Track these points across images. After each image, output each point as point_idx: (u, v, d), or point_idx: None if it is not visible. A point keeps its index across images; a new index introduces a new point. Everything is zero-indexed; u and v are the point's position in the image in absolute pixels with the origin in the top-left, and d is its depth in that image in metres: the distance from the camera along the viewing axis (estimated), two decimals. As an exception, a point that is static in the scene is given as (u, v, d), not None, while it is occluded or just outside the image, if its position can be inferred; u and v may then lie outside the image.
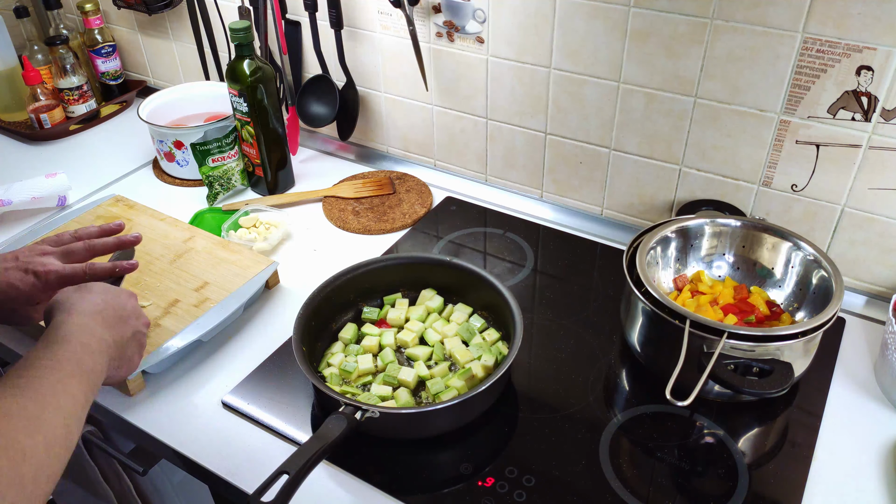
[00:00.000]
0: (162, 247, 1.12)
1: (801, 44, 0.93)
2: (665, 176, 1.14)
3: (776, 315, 0.95)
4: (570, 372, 0.96)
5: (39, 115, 1.51)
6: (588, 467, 0.83)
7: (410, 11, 1.19)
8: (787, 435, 0.88)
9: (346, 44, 1.33)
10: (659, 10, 1.01)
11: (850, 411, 0.90)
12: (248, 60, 1.20)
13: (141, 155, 1.48)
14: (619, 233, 1.22)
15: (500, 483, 0.81)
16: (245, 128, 1.26)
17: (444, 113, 1.31)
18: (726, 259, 1.03)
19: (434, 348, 0.96)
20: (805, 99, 0.97)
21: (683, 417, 0.89)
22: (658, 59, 1.04)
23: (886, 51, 0.89)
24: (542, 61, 1.15)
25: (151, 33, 1.63)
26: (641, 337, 0.94)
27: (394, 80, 1.33)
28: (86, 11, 1.55)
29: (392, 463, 0.84)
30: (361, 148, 1.46)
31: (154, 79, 1.73)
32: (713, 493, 0.80)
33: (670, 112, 1.08)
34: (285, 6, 1.33)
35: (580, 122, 1.17)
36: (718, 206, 1.10)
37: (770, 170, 1.04)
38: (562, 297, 1.09)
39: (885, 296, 1.05)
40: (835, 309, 0.85)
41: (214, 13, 1.44)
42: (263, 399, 0.92)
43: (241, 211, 1.24)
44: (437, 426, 0.86)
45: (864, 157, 0.97)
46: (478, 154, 1.32)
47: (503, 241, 1.22)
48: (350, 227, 1.25)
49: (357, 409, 0.79)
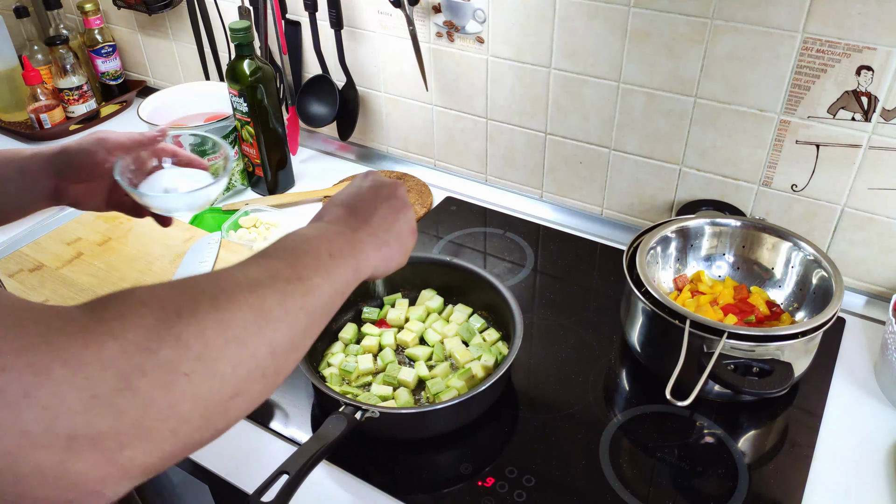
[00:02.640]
0: (162, 247, 1.12)
1: (801, 44, 0.93)
2: (665, 176, 1.14)
3: (776, 315, 0.95)
4: (570, 372, 0.96)
5: (39, 115, 1.51)
6: (588, 467, 0.83)
7: (410, 11, 1.19)
8: (787, 435, 0.88)
9: (346, 44, 1.33)
10: (659, 10, 1.01)
11: (850, 411, 0.90)
12: (248, 60, 1.20)
13: (141, 155, 1.48)
14: (619, 233, 1.22)
15: (500, 483, 0.81)
16: (245, 128, 1.26)
17: (444, 113, 1.31)
18: (726, 259, 1.03)
19: (434, 348, 0.96)
20: (805, 99, 0.96)
21: (683, 417, 0.89)
22: (658, 59, 1.04)
23: (886, 51, 0.89)
24: (542, 61, 1.15)
25: (151, 33, 1.63)
26: (641, 337, 0.94)
27: (394, 80, 1.33)
28: (86, 11, 1.55)
29: (392, 463, 0.84)
30: (361, 148, 1.46)
31: (154, 79, 1.73)
32: (713, 493, 0.80)
33: (670, 112, 1.08)
34: (285, 6, 1.33)
35: (580, 122, 1.17)
36: (718, 206, 1.10)
37: (770, 170, 1.04)
38: (562, 297, 1.09)
39: (885, 296, 1.05)
40: (835, 309, 0.85)
41: (214, 13, 1.44)
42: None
43: (241, 211, 1.24)
44: (437, 426, 0.86)
45: (864, 157, 0.97)
46: (478, 154, 1.32)
47: (503, 241, 1.22)
48: (350, 227, 1.25)
49: (357, 409, 0.79)
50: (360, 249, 0.61)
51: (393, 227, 0.66)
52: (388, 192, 0.69)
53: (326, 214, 0.65)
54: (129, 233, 1.16)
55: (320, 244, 0.58)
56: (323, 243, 0.58)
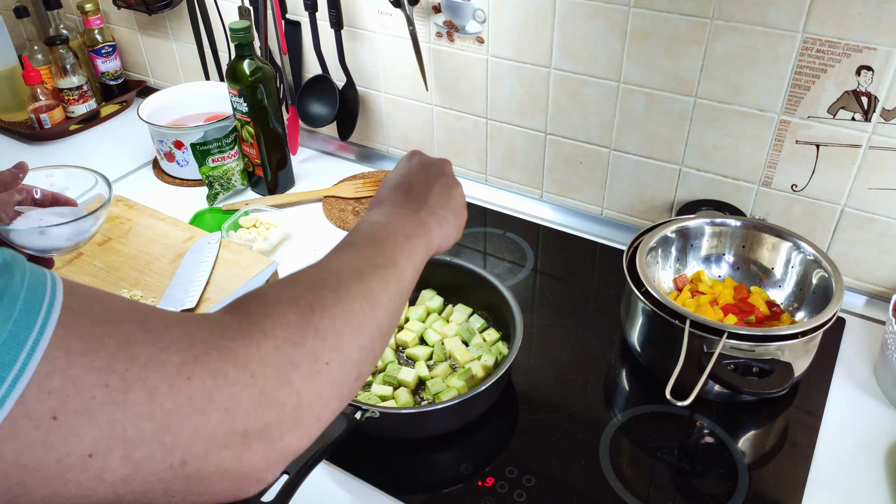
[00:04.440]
0: (162, 247, 1.12)
1: (801, 44, 0.93)
2: (665, 176, 1.14)
3: (776, 315, 0.95)
4: (570, 372, 0.96)
5: (39, 115, 1.51)
6: (588, 467, 0.83)
7: (410, 11, 1.19)
8: (787, 435, 0.88)
9: (346, 44, 1.33)
10: (659, 10, 1.01)
11: (850, 411, 0.90)
12: (248, 60, 1.20)
13: (141, 155, 1.48)
14: (619, 233, 1.22)
15: (500, 483, 0.81)
16: (245, 128, 1.26)
17: (444, 113, 1.31)
18: (726, 259, 1.03)
19: (434, 348, 0.96)
20: (805, 99, 0.96)
21: (683, 417, 0.89)
22: (658, 59, 1.04)
23: (886, 51, 0.89)
24: (542, 61, 1.15)
25: (151, 33, 1.63)
26: (641, 337, 0.94)
27: (394, 80, 1.33)
28: (86, 11, 1.55)
29: (392, 463, 0.84)
30: (361, 148, 1.46)
31: (154, 79, 1.73)
32: (713, 493, 0.80)
33: (670, 112, 1.08)
34: (285, 6, 1.33)
35: (580, 122, 1.17)
36: (718, 206, 1.10)
37: (770, 170, 1.04)
38: (562, 297, 1.09)
39: (885, 296, 1.05)
40: (835, 309, 0.85)
41: (214, 13, 1.44)
42: (263, 399, 0.92)
43: (241, 211, 1.24)
44: (437, 426, 0.86)
45: (864, 156, 0.97)
46: (478, 154, 1.32)
47: (503, 241, 1.22)
48: (350, 227, 1.25)
49: (357, 409, 0.79)
50: (428, 228, 0.64)
51: (448, 203, 0.68)
52: (437, 170, 0.71)
53: (386, 199, 0.67)
54: (128, 233, 1.16)
55: (397, 228, 0.61)
56: (398, 227, 0.61)
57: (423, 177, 0.69)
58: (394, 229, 0.60)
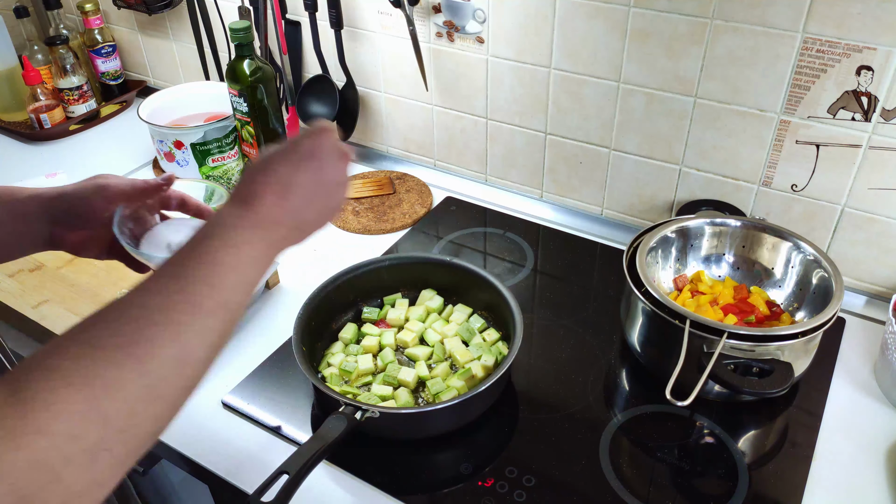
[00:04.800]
0: (162, 247, 1.12)
1: (801, 44, 0.93)
2: (665, 176, 1.14)
3: (776, 315, 0.95)
4: (570, 372, 0.96)
5: (39, 115, 1.51)
6: (588, 467, 0.83)
7: (410, 11, 1.19)
8: (787, 435, 0.88)
9: (346, 44, 1.33)
10: (659, 10, 1.01)
11: (850, 411, 0.90)
12: (248, 60, 1.20)
13: (141, 155, 1.48)
14: (619, 233, 1.22)
15: (500, 483, 0.81)
16: (245, 128, 1.26)
17: (444, 113, 1.31)
18: (726, 259, 1.03)
19: (434, 348, 0.96)
20: (805, 99, 0.96)
21: (683, 417, 0.89)
22: (658, 59, 1.04)
23: (886, 51, 0.89)
24: (542, 61, 1.15)
25: (151, 33, 1.63)
26: (641, 337, 0.94)
27: (394, 80, 1.33)
28: (86, 11, 1.55)
29: (392, 463, 0.84)
30: (361, 148, 1.46)
31: (154, 79, 1.73)
32: (713, 493, 0.80)
33: (670, 112, 1.08)
34: (285, 6, 1.33)
35: (580, 122, 1.17)
36: (718, 206, 1.10)
37: (770, 170, 1.04)
38: (562, 297, 1.09)
39: (885, 296, 1.05)
40: (835, 309, 0.85)
41: (214, 13, 1.44)
42: (263, 399, 0.92)
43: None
44: (437, 426, 0.86)
45: (864, 156, 0.97)
46: (478, 154, 1.32)
47: (503, 241, 1.22)
48: (350, 227, 1.25)
49: (357, 409, 0.79)
50: (269, 232, 0.59)
51: (313, 196, 0.64)
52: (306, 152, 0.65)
53: (235, 195, 0.60)
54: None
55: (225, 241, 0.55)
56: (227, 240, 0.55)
57: (288, 165, 0.62)
58: (222, 244, 0.54)
